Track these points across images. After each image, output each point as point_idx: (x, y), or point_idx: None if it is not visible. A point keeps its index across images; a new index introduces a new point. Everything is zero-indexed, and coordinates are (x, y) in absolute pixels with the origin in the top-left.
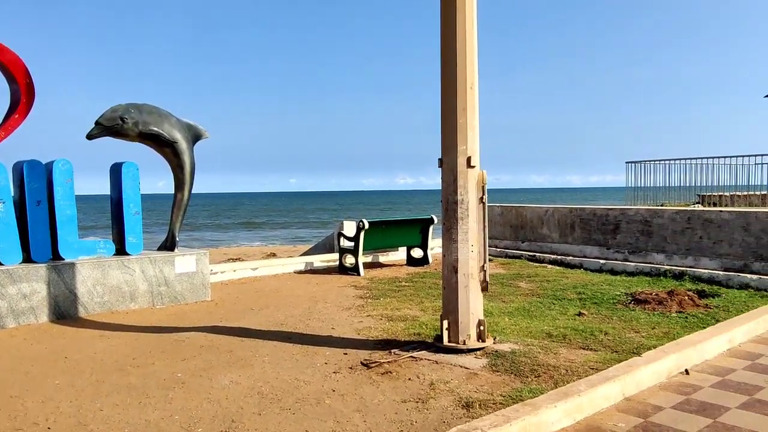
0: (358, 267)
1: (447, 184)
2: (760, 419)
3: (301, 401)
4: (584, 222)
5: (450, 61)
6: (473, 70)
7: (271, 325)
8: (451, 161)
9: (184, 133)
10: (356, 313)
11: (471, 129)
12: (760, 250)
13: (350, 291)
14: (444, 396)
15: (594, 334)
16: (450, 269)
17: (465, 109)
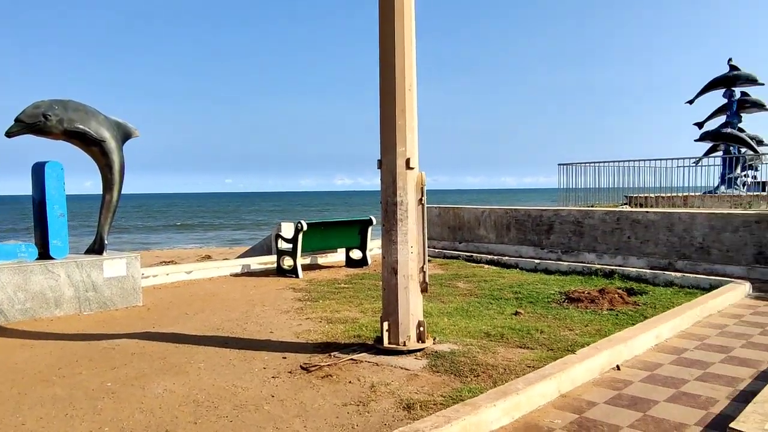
0: (297, 269)
1: (386, 186)
2: (686, 411)
3: (239, 408)
4: (519, 223)
5: (389, 63)
6: (412, 72)
7: (207, 330)
8: (390, 162)
9: (113, 132)
10: (295, 315)
11: (410, 130)
12: (683, 249)
13: (289, 293)
14: (385, 398)
15: (530, 332)
16: (390, 271)
17: (404, 111)
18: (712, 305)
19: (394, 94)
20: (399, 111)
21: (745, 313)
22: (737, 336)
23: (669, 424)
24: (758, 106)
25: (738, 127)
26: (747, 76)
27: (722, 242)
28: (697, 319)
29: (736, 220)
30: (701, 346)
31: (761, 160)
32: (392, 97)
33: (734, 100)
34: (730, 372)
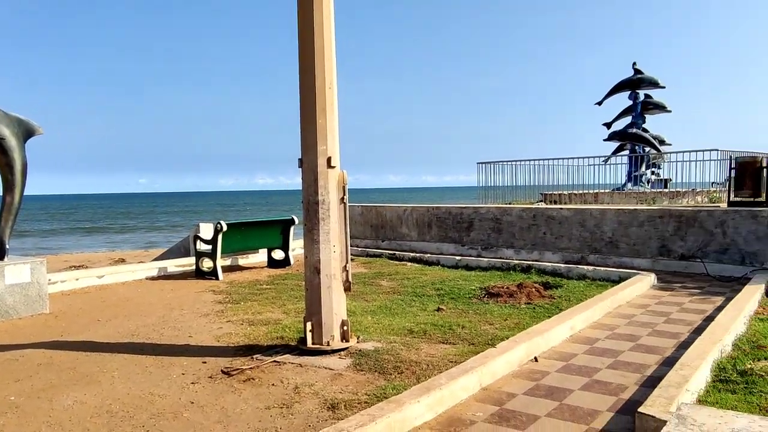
0: (217, 271)
1: (308, 185)
2: (598, 398)
3: (156, 417)
4: (441, 220)
5: (308, 61)
6: (332, 71)
7: (121, 337)
8: (311, 161)
9: (14, 129)
10: (215, 319)
11: (331, 129)
12: (594, 244)
13: (208, 296)
14: (309, 399)
15: (452, 328)
16: (312, 270)
17: (324, 110)
18: (621, 296)
19: (315, 92)
20: (319, 110)
21: (651, 303)
22: (644, 325)
23: (583, 411)
24: (660, 108)
25: (642, 127)
26: (650, 80)
27: (629, 236)
28: (608, 310)
29: (641, 215)
30: (612, 336)
31: (663, 159)
32: (312, 96)
33: (639, 102)
34: (638, 359)
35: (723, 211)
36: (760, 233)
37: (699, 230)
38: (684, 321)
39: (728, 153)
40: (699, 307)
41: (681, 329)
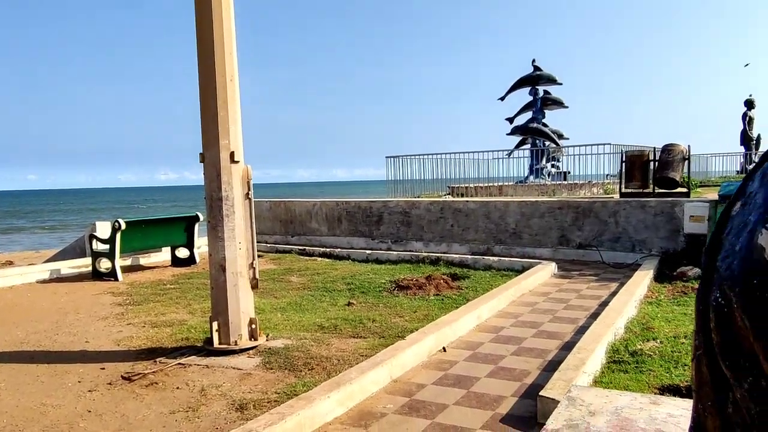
0: (116, 271)
1: (210, 180)
2: (504, 384)
3: (49, 428)
4: (350, 215)
5: (208, 51)
6: (232, 61)
7: (8, 346)
8: (213, 156)
9: None
10: (115, 322)
11: (233, 122)
12: (499, 235)
13: (107, 298)
14: (216, 401)
15: (363, 322)
16: (218, 268)
17: (226, 102)
18: (524, 285)
19: (215, 85)
20: (221, 103)
21: (552, 291)
22: (546, 312)
23: (489, 398)
24: (558, 104)
25: (542, 122)
26: (548, 76)
27: (532, 227)
28: (512, 298)
29: (542, 207)
30: (516, 323)
31: (562, 153)
32: (213, 89)
33: (538, 98)
34: (540, 345)
35: (615, 202)
36: (647, 222)
37: (594, 220)
38: (582, 307)
39: (619, 147)
40: (596, 293)
41: (579, 315)
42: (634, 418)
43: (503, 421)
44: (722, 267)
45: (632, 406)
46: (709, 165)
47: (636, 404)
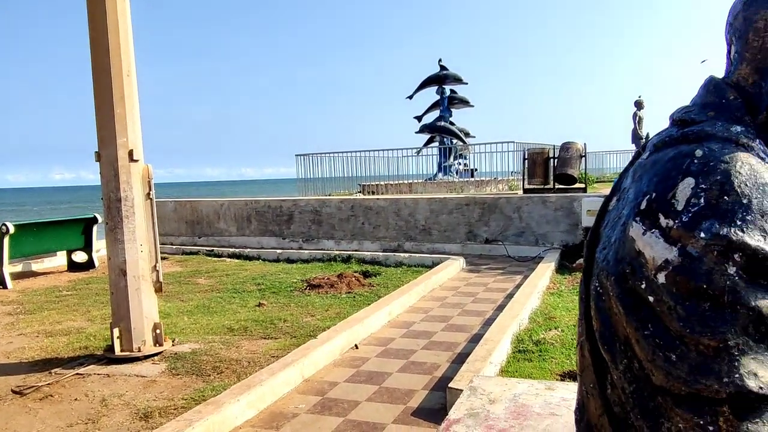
0: (4, 279)
1: (108, 180)
2: (415, 378)
3: None
4: (260, 214)
5: (102, 45)
6: (129, 56)
7: None
8: (110, 155)
9: None
10: (4, 333)
11: (131, 119)
12: (409, 232)
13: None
14: (118, 411)
15: (274, 322)
16: (118, 272)
17: (123, 98)
18: (434, 280)
19: (111, 80)
20: (117, 99)
21: (461, 285)
22: (455, 306)
23: (401, 392)
24: (464, 103)
25: (450, 120)
26: (454, 76)
27: (440, 224)
28: (422, 294)
29: (450, 203)
30: (426, 318)
31: (469, 150)
32: (108, 84)
33: (445, 97)
34: (450, 338)
35: (519, 198)
36: (549, 217)
37: (500, 216)
38: (489, 300)
39: (522, 145)
40: (502, 286)
41: (487, 307)
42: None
43: (414, 415)
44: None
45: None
46: (604, 162)
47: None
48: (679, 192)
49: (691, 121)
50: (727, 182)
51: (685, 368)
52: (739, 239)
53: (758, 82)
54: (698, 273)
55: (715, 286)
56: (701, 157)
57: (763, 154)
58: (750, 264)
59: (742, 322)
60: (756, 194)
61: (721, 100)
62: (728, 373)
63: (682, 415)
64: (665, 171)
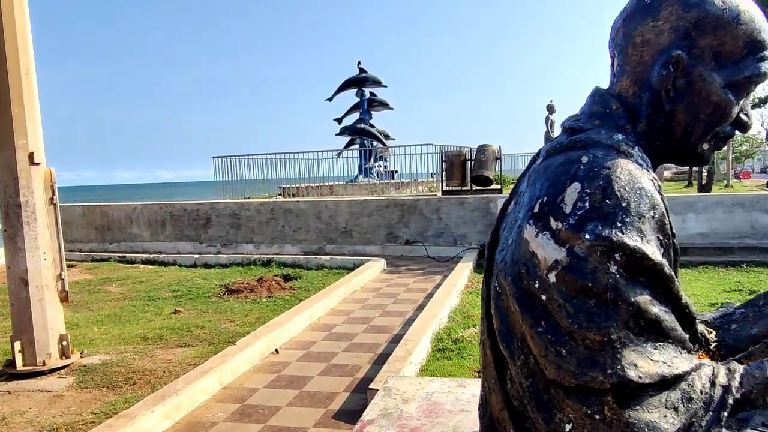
0: None
1: (5, 185)
2: (336, 381)
3: None
4: (175, 218)
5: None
6: (27, 53)
7: None
8: (8, 158)
9: None
10: None
11: (31, 121)
12: (330, 234)
13: None
14: (21, 429)
15: (191, 330)
16: (18, 282)
17: (21, 98)
18: (355, 282)
19: (8, 79)
20: (15, 99)
21: (382, 286)
22: (375, 307)
23: (322, 395)
24: (384, 105)
25: (370, 123)
26: (374, 79)
27: (361, 225)
28: (344, 296)
29: (371, 205)
30: (348, 320)
31: (389, 152)
32: (5, 84)
33: (365, 99)
34: (371, 340)
35: (437, 199)
36: (466, 218)
37: (419, 217)
38: (410, 300)
39: (440, 147)
40: (422, 286)
41: (407, 308)
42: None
43: (335, 417)
44: (498, 259)
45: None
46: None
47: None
48: (567, 196)
49: (579, 129)
50: (609, 187)
51: (574, 362)
52: (619, 240)
53: (638, 94)
54: (584, 272)
55: (598, 284)
56: (587, 163)
57: (641, 160)
58: (629, 263)
59: (623, 317)
60: (634, 198)
61: (605, 110)
62: (611, 365)
63: (572, 405)
64: (555, 176)
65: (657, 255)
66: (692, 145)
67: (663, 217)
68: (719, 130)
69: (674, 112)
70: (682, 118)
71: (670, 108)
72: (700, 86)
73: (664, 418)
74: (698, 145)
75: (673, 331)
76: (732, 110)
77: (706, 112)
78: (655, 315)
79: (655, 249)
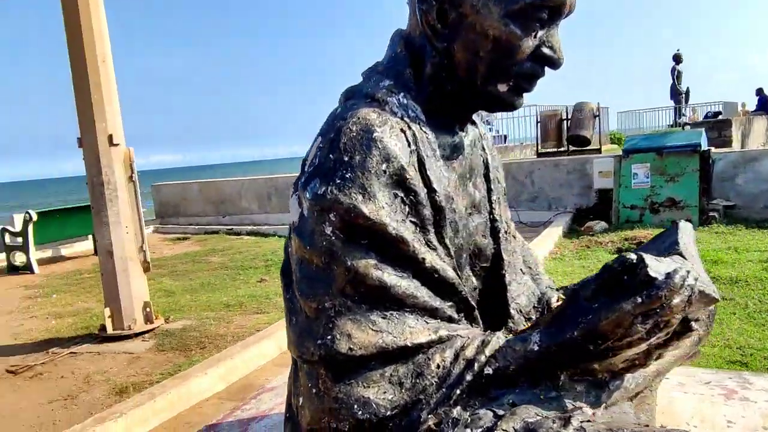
0: (31, 264)
1: (90, 165)
2: None
3: None
4: (279, 191)
5: (76, 33)
6: (103, 42)
7: None
8: (91, 140)
9: None
10: (18, 316)
11: (109, 105)
12: None
13: (18, 292)
14: (98, 387)
15: (270, 297)
16: (105, 254)
17: (99, 85)
18: None
19: (86, 68)
20: (93, 85)
21: None
22: None
23: None
24: None
25: None
26: None
27: None
28: None
29: None
30: None
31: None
32: (84, 72)
33: None
34: None
35: (530, 162)
36: (561, 180)
37: (511, 181)
38: None
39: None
40: None
41: None
42: None
43: None
44: None
45: None
46: (641, 121)
47: None
48: (310, 153)
49: (366, 77)
50: (336, 140)
51: (297, 332)
52: (333, 197)
53: (423, 33)
54: (304, 234)
55: (315, 247)
56: (336, 115)
57: (397, 108)
58: (344, 223)
59: (339, 283)
60: (360, 150)
61: (392, 54)
62: (322, 336)
63: (301, 378)
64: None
65: (378, 213)
66: (482, 87)
67: (401, 170)
68: (514, 69)
69: (450, 50)
70: (462, 57)
71: (445, 46)
72: (474, 19)
73: (383, 394)
74: (489, 87)
75: (412, 298)
76: (518, 43)
77: (486, 48)
78: (378, 280)
79: (378, 207)
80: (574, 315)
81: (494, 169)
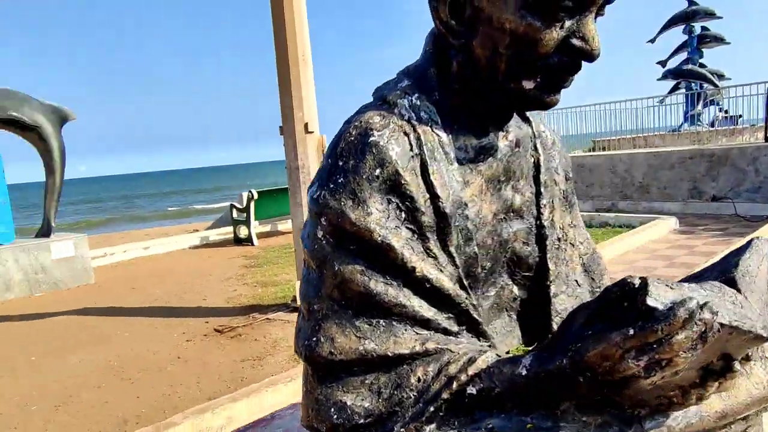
0: (251, 237)
1: (288, 151)
2: None
3: (144, 371)
4: None
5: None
6: (304, 41)
7: (146, 302)
8: (290, 128)
9: (49, 116)
10: (234, 282)
11: (306, 96)
12: (624, 190)
13: (239, 261)
14: (282, 352)
15: None
16: (298, 232)
17: (299, 79)
18: (628, 242)
19: (288, 64)
20: (294, 79)
21: (661, 248)
22: (644, 270)
23: None
24: (718, 40)
25: (699, 62)
26: (705, 10)
27: (660, 180)
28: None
29: (672, 157)
30: None
31: (722, 96)
32: (287, 67)
33: (694, 36)
34: None
35: (755, 147)
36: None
37: (731, 169)
38: (684, 264)
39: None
40: (710, 250)
41: (677, 273)
42: None
43: None
44: None
45: None
46: None
47: None
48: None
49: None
50: (337, 145)
51: (295, 331)
52: (324, 202)
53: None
54: (305, 238)
55: (310, 250)
56: (348, 119)
57: (405, 110)
58: (333, 227)
59: (327, 287)
60: (354, 155)
61: (423, 52)
62: (309, 337)
63: (302, 374)
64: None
65: (365, 220)
66: (504, 84)
67: (396, 176)
68: (539, 63)
69: (469, 46)
70: (481, 53)
71: (463, 42)
72: (489, 12)
73: (361, 401)
74: (511, 83)
75: (399, 306)
76: (539, 36)
77: (504, 43)
78: (364, 286)
79: (366, 213)
80: (566, 341)
81: (549, 170)
